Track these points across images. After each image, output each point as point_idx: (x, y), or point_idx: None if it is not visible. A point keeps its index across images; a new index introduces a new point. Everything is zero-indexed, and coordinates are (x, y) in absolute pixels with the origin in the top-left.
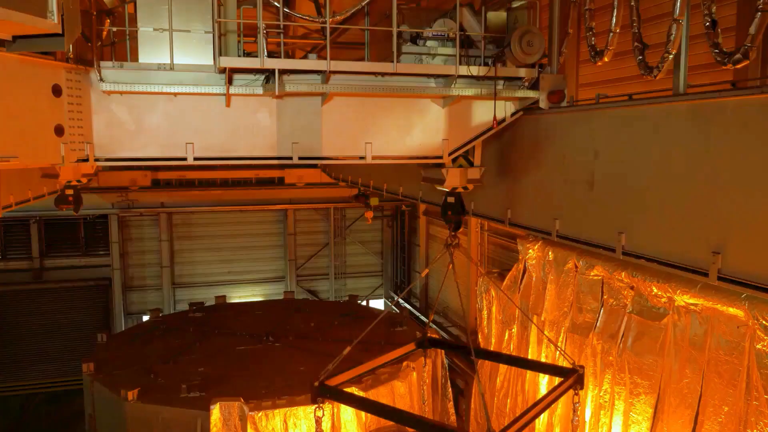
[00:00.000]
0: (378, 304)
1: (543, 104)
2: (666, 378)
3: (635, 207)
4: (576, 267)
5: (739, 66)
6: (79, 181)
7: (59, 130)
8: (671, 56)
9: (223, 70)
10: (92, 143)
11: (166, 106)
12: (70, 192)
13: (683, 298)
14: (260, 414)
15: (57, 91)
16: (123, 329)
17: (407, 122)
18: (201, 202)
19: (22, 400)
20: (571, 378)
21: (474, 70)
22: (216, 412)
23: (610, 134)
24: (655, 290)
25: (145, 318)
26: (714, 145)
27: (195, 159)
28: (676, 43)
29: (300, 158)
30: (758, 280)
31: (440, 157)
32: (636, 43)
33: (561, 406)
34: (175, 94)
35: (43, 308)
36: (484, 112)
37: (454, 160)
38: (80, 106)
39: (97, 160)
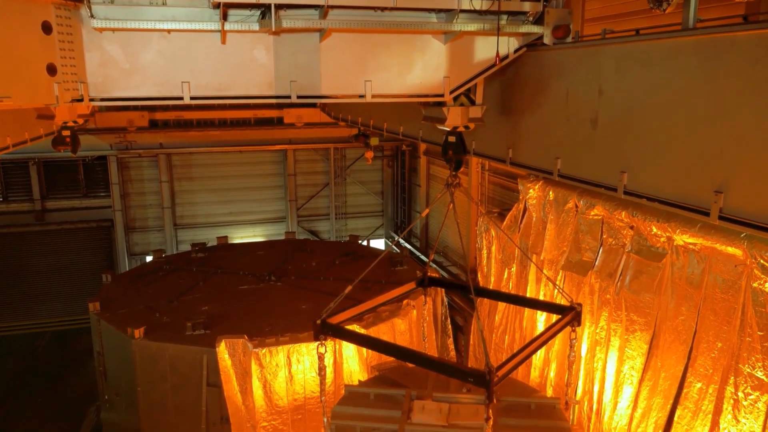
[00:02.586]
0: (378, 243)
1: (547, 40)
2: (662, 315)
3: (639, 146)
4: (576, 207)
5: None
6: (75, 122)
7: (51, 70)
8: None
9: (217, 5)
10: (86, 83)
11: (160, 44)
12: (66, 133)
13: (682, 238)
14: (264, 351)
15: (47, 28)
16: (127, 270)
17: (408, 59)
18: (199, 143)
19: (32, 339)
20: (569, 315)
21: (477, 4)
22: (222, 348)
23: (616, 71)
24: (655, 230)
25: (149, 258)
26: (721, 81)
27: (191, 98)
28: None
29: (298, 97)
30: (759, 219)
31: (441, 95)
32: None
33: (558, 342)
34: (169, 31)
35: (46, 249)
36: (487, 49)
37: (455, 99)
38: (72, 44)
39: (92, 100)
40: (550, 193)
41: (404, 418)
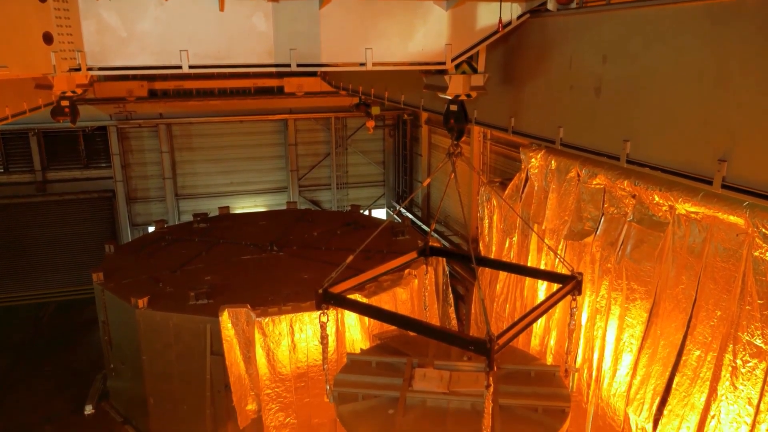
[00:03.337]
0: (380, 213)
1: (551, 6)
2: (662, 284)
3: (642, 114)
4: (578, 176)
5: None
6: (74, 92)
7: (48, 38)
8: None
9: None
10: (83, 51)
11: (157, 11)
12: (65, 103)
13: (684, 207)
14: (267, 320)
15: None
16: (129, 240)
17: (409, 26)
18: (200, 113)
19: (36, 309)
20: (570, 284)
21: None
22: (225, 318)
23: (620, 38)
24: (657, 199)
25: (151, 229)
26: (728, 48)
27: (190, 67)
28: None
29: (298, 65)
30: (762, 187)
31: (443, 63)
32: None
33: (558, 310)
34: None
35: (48, 220)
36: (489, 15)
37: (457, 66)
38: (68, 12)
39: (89, 69)
40: (553, 162)
41: (406, 386)
